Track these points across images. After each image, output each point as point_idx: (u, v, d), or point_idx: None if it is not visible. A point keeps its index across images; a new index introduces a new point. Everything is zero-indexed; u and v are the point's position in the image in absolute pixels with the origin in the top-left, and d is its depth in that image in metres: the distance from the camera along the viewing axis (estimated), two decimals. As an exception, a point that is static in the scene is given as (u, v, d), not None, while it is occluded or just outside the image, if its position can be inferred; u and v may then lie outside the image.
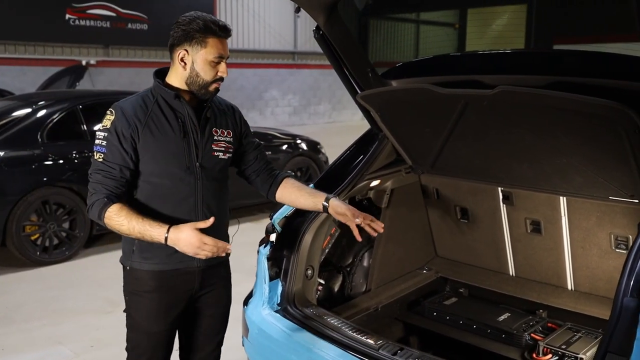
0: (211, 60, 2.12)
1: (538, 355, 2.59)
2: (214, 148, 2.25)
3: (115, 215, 2.04)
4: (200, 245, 2.00)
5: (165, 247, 2.14)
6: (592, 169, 2.47)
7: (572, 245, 2.89)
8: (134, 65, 14.75)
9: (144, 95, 2.20)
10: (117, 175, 2.08)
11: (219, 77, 2.15)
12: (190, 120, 2.18)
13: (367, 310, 2.95)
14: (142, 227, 2.03)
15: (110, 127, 2.10)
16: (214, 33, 2.11)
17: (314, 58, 19.40)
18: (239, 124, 2.40)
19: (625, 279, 1.88)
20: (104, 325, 4.35)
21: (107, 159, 2.09)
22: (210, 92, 2.17)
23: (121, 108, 2.13)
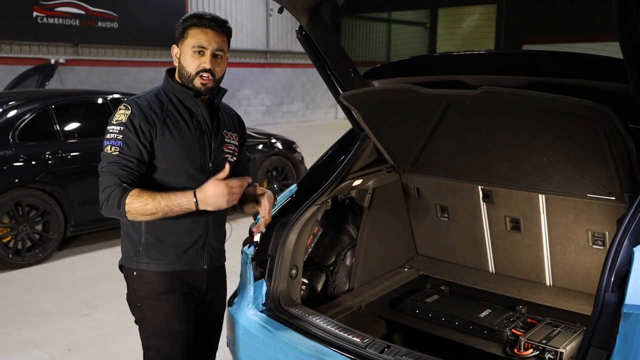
0: (193, 51, 2.09)
1: (519, 351, 2.64)
2: (225, 150, 2.25)
3: (138, 197, 1.99)
4: (229, 190, 1.99)
5: (174, 247, 2.16)
6: (571, 167, 2.53)
7: (550, 242, 2.95)
8: (105, 64, 14.56)
9: (157, 93, 2.17)
10: (134, 168, 2.04)
11: (201, 68, 2.09)
12: (204, 121, 2.17)
13: (351, 308, 2.97)
14: (168, 200, 1.99)
15: (126, 122, 2.04)
16: (194, 23, 2.10)
17: (286, 57, 19.40)
18: (242, 130, 2.41)
19: (606, 274, 1.92)
20: (81, 328, 4.28)
21: (124, 152, 2.03)
22: (197, 87, 2.12)
23: (137, 103, 2.09)
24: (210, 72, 2.10)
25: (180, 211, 2.01)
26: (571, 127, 2.32)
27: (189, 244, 2.19)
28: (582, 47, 6.52)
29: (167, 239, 2.15)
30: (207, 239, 2.22)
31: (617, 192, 2.52)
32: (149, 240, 2.15)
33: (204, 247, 2.22)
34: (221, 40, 2.13)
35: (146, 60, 15.28)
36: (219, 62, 2.13)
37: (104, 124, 2.13)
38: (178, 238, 2.16)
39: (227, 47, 2.18)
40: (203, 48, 2.09)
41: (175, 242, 2.16)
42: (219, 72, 2.15)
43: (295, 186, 2.88)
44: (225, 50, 2.16)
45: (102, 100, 6.40)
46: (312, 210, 2.78)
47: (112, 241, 6.21)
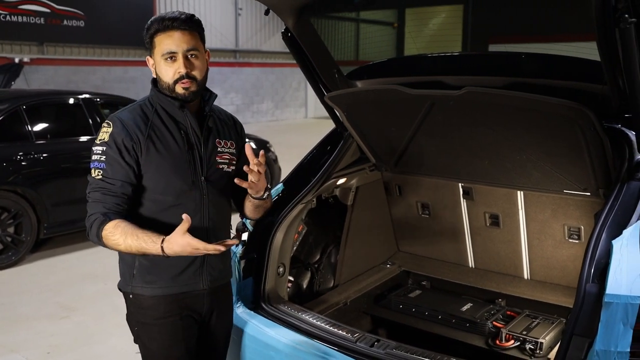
0: (164, 59, 1.95)
1: (501, 342, 2.73)
2: (219, 160, 2.10)
3: (111, 235, 1.87)
4: (192, 251, 1.83)
5: (169, 268, 2.03)
6: (550, 165, 2.63)
7: (528, 237, 3.06)
8: (71, 64, 14.31)
9: (141, 105, 2.05)
10: (117, 192, 1.92)
11: (178, 76, 1.94)
12: (193, 132, 2.04)
13: (337, 305, 3.02)
14: (137, 242, 1.85)
15: (108, 140, 1.93)
16: (157, 29, 1.95)
17: (256, 56, 19.37)
18: (240, 136, 2.26)
19: (586, 266, 2.00)
20: (59, 331, 4.24)
21: (107, 175, 1.93)
22: (180, 94, 1.97)
23: (120, 119, 1.97)
24: (189, 77, 1.95)
25: (151, 254, 1.87)
26: (551, 126, 2.42)
27: (185, 265, 2.05)
28: (547, 47, 6.70)
29: (161, 262, 1.99)
30: (206, 258, 2.08)
31: (592, 188, 2.63)
32: (142, 263, 2.03)
33: (202, 267, 2.09)
34: (191, 39, 1.96)
35: (114, 59, 15.07)
36: (194, 63, 1.98)
37: (76, 125, 2.08)
38: (173, 260, 1.96)
39: (200, 43, 2.01)
40: (173, 53, 1.94)
41: (170, 264, 2.01)
42: (199, 73, 1.99)
43: (282, 185, 2.91)
44: (199, 48, 1.99)
45: (74, 101, 6.31)
46: (299, 208, 2.83)
47: (87, 242, 6.12)
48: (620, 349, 1.82)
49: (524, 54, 2.60)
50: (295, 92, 20.84)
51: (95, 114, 6.24)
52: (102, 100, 6.59)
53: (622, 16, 1.80)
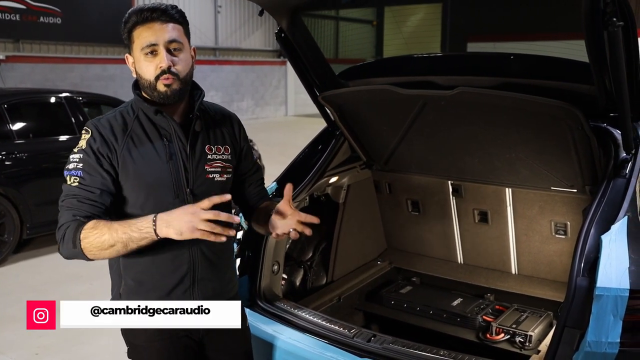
0: (144, 54, 1.77)
1: (491, 335, 2.80)
2: (208, 169, 1.90)
3: (93, 229, 1.68)
4: (195, 212, 1.60)
5: (156, 289, 1.88)
6: (538, 162, 2.71)
7: (516, 233, 3.14)
8: (48, 61, 14.09)
9: (122, 110, 1.87)
10: (96, 200, 1.75)
11: (159, 71, 1.76)
12: (177, 138, 1.84)
13: (330, 301, 3.07)
14: (126, 226, 1.67)
15: (85, 148, 1.79)
16: (135, 22, 1.77)
17: (235, 54, 19.29)
18: (239, 138, 2.03)
19: (577, 261, 2.08)
20: (47, 331, 4.19)
21: (85, 182, 1.76)
22: (162, 92, 1.78)
23: (96, 126, 1.82)
24: (172, 72, 1.77)
25: (141, 237, 1.66)
26: (540, 125, 2.49)
27: (173, 285, 1.89)
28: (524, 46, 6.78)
29: (147, 282, 1.88)
30: (196, 276, 1.91)
31: (579, 184, 2.71)
32: (128, 283, 1.90)
33: (193, 286, 1.91)
34: (172, 30, 1.78)
35: (92, 57, 14.89)
36: (177, 56, 1.79)
37: (59, 124, 1.96)
38: (159, 280, 1.87)
39: (184, 35, 1.83)
40: (153, 46, 1.76)
41: (157, 285, 1.88)
42: (183, 68, 1.80)
43: (275, 184, 2.94)
44: (182, 40, 1.80)
45: (56, 100, 6.25)
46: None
47: (71, 243, 6.09)
48: (610, 340, 1.90)
49: (514, 55, 2.66)
50: (275, 90, 20.82)
51: (78, 112, 6.18)
52: (84, 98, 6.53)
53: (610, 19, 1.86)
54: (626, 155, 2.30)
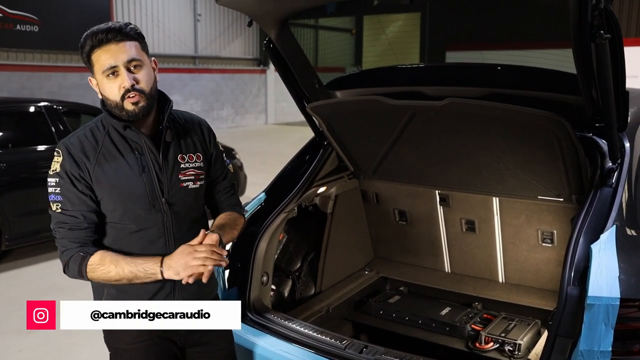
0: (105, 76, 1.80)
1: (481, 344, 2.81)
2: (182, 178, 1.95)
3: (99, 265, 1.81)
4: (192, 253, 1.77)
5: (136, 297, 1.93)
6: (526, 172, 2.74)
7: (503, 242, 3.17)
8: (25, 69, 13.90)
9: (92, 127, 1.91)
10: (82, 225, 1.84)
11: (123, 90, 1.79)
12: (149, 151, 1.89)
13: (319, 312, 3.06)
14: (132, 265, 1.80)
15: (59, 171, 1.84)
16: (92, 46, 1.79)
17: (215, 62, 19.23)
18: (209, 144, 2.08)
19: (567, 270, 2.09)
20: (27, 346, 4.13)
21: (66, 207, 1.84)
22: (130, 111, 1.81)
23: (67, 146, 1.85)
24: (136, 90, 1.80)
25: (146, 277, 1.81)
26: (528, 135, 2.52)
27: (153, 292, 1.95)
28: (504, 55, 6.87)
29: (129, 290, 1.93)
30: (176, 282, 1.95)
31: (565, 194, 2.75)
32: (110, 292, 1.96)
33: (173, 292, 1.98)
34: (129, 48, 1.80)
35: (70, 65, 14.72)
36: (138, 72, 1.82)
37: (38, 133, 1.99)
38: (140, 287, 1.92)
39: (142, 52, 1.85)
40: (113, 68, 1.79)
41: (138, 293, 1.93)
42: (146, 84, 1.83)
43: (264, 195, 2.93)
44: (140, 57, 1.83)
45: (35, 109, 6.15)
46: (281, 217, 2.85)
47: (51, 254, 5.99)
48: (602, 349, 1.92)
49: (502, 66, 2.69)
50: (255, 98, 20.78)
51: (58, 122, 6.10)
52: (64, 108, 6.44)
53: (597, 32, 1.89)
54: (612, 165, 2.33)
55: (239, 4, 2.47)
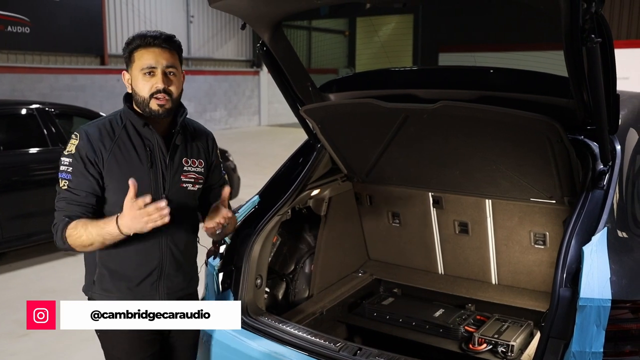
0: (142, 73, 2.01)
1: (474, 346, 2.83)
2: (183, 179, 2.15)
3: (73, 230, 1.95)
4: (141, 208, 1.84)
5: (126, 279, 2.11)
6: (518, 174, 2.75)
7: (496, 244, 3.18)
8: (16, 71, 13.82)
9: (112, 119, 2.10)
10: (82, 202, 2.00)
11: (154, 90, 2.01)
12: (159, 150, 2.09)
13: (313, 314, 3.06)
14: (97, 228, 1.93)
15: (74, 153, 2.02)
16: (139, 45, 2.02)
17: (208, 64, 19.21)
18: (211, 153, 2.29)
19: (559, 272, 2.11)
20: (20, 349, 4.11)
21: (72, 185, 2.00)
22: (154, 110, 2.03)
23: (86, 132, 2.04)
24: (166, 92, 2.02)
25: (113, 238, 1.94)
26: (520, 138, 2.54)
27: (142, 277, 2.13)
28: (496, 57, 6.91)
29: (120, 272, 2.11)
30: (163, 271, 2.16)
31: (557, 196, 2.76)
32: (102, 272, 2.11)
33: (159, 280, 2.16)
34: (170, 57, 2.04)
35: (62, 67, 14.66)
36: (172, 79, 2.05)
37: (30, 136, 2.13)
38: (130, 271, 2.11)
39: (179, 63, 2.09)
40: (152, 68, 2.01)
41: (127, 276, 2.11)
42: (175, 91, 2.06)
43: (258, 197, 2.93)
44: (177, 67, 2.07)
45: (27, 111, 6.12)
46: (275, 220, 2.85)
47: (44, 257, 5.97)
48: (594, 350, 1.94)
49: (494, 69, 2.71)
50: (248, 99, 20.77)
51: (51, 124, 6.08)
52: (57, 110, 6.41)
53: (589, 36, 1.91)
54: (603, 167, 2.35)
55: (232, 7, 2.47)
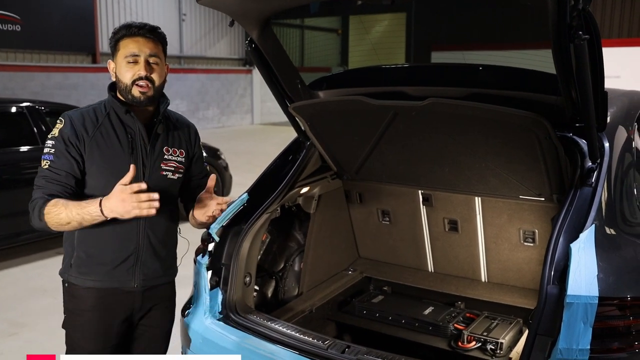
0: (126, 61, 2.09)
1: (463, 343, 2.83)
2: (163, 167, 2.22)
3: (53, 207, 2.00)
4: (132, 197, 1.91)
5: (103, 263, 2.17)
6: (507, 172, 2.75)
7: (485, 241, 3.18)
8: (7, 69, 13.74)
9: (96, 107, 2.19)
10: (61, 181, 2.06)
11: (137, 76, 2.09)
12: (140, 137, 2.16)
13: (302, 313, 3.05)
14: (79, 208, 1.98)
15: (57, 136, 2.10)
16: (124, 34, 2.10)
17: (200, 62, 19.16)
18: (193, 144, 2.37)
19: (547, 269, 2.11)
20: (9, 349, 4.09)
21: (53, 165, 2.08)
22: (136, 97, 2.11)
23: (70, 117, 2.12)
24: (148, 80, 2.10)
25: (92, 219, 1.99)
26: (509, 135, 2.54)
27: (118, 262, 2.19)
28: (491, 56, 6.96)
29: (97, 256, 2.17)
30: (140, 257, 2.22)
31: (546, 193, 2.77)
32: (80, 254, 2.17)
33: (135, 265, 2.22)
34: (154, 47, 2.12)
35: (53, 65, 14.59)
36: (154, 68, 2.12)
37: (20, 134, 2.19)
38: (107, 255, 2.17)
39: (162, 54, 2.17)
40: (135, 56, 2.09)
41: (104, 260, 2.17)
42: (158, 80, 2.14)
43: (246, 195, 2.92)
44: (160, 57, 2.15)
45: (17, 109, 6.08)
46: (264, 218, 2.84)
47: (33, 255, 5.94)
48: (581, 347, 1.94)
49: (483, 66, 2.71)
50: (241, 98, 20.72)
51: (41, 122, 6.04)
52: (47, 108, 6.37)
53: (576, 33, 1.90)
54: (592, 165, 2.35)
55: (219, 3, 2.47)
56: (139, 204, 1.92)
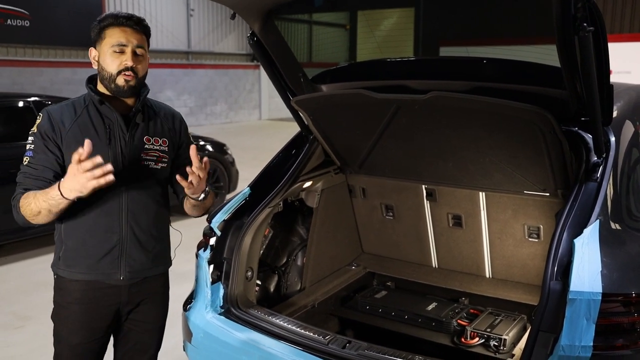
0: (112, 50, 2.07)
1: (466, 339, 2.80)
2: (144, 157, 2.19)
3: (25, 199, 2.01)
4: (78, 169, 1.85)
5: (87, 256, 2.15)
6: (511, 166, 2.72)
7: (490, 237, 3.15)
8: (16, 65, 13.81)
9: (75, 101, 2.18)
10: (40, 175, 2.05)
11: (123, 67, 2.07)
12: (119, 127, 2.14)
13: (305, 307, 3.04)
14: (44, 195, 1.96)
15: (36, 131, 2.10)
16: (111, 23, 2.09)
17: (208, 58, 19.15)
18: (179, 132, 2.33)
19: (550, 265, 2.08)
20: (15, 341, 4.10)
21: (32, 161, 2.08)
22: (120, 86, 2.09)
23: (48, 111, 2.12)
24: (133, 70, 2.09)
25: (57, 204, 1.96)
26: (513, 129, 2.50)
27: (102, 254, 2.17)
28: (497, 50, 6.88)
29: (81, 248, 2.16)
30: (124, 249, 2.19)
31: (551, 188, 2.73)
32: (67, 247, 2.17)
33: (120, 258, 2.19)
34: (140, 38, 2.13)
35: (62, 60, 14.63)
36: (140, 60, 2.12)
37: (27, 129, 2.18)
38: (91, 248, 2.16)
39: (147, 45, 2.17)
40: (123, 46, 2.08)
41: (88, 252, 2.16)
42: (141, 70, 2.14)
43: (249, 189, 2.91)
44: (145, 49, 2.15)
45: (24, 104, 6.10)
46: (266, 212, 2.83)
47: (37, 250, 5.97)
48: (584, 343, 1.91)
49: (487, 59, 2.67)
50: (249, 94, 20.72)
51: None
52: (54, 103, 6.37)
53: (581, 25, 1.87)
54: (597, 159, 2.32)
55: (221, -4, 2.44)
56: (92, 173, 1.85)
